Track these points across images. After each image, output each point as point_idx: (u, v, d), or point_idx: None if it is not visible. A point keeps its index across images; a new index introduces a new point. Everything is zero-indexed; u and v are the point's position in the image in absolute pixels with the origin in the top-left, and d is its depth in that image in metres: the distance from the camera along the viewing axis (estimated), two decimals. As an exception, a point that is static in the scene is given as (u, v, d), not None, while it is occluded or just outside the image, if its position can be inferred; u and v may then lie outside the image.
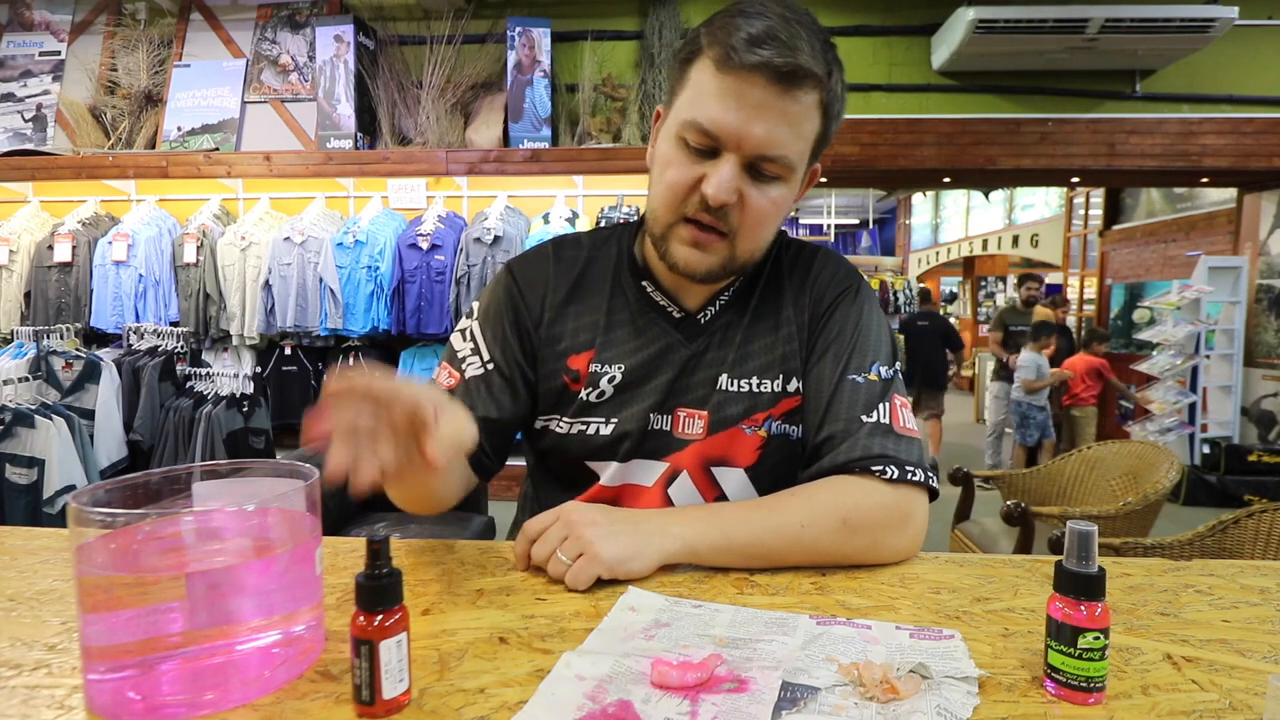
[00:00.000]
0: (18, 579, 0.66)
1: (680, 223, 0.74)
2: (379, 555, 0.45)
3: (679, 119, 0.72)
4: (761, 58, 0.66)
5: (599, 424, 0.81)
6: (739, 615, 0.58)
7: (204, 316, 3.88)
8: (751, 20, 0.67)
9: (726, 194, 0.70)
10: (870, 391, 0.76)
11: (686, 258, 0.75)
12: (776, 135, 0.69)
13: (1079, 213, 8.09)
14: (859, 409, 0.75)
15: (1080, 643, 0.45)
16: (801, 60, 0.66)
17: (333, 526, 2.72)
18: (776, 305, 0.83)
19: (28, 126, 4.38)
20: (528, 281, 0.85)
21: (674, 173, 0.72)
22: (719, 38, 0.68)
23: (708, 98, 0.69)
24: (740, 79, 0.67)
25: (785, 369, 0.81)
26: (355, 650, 0.44)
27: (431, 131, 4.09)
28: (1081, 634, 0.45)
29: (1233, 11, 3.61)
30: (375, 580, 0.44)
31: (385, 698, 0.44)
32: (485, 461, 0.81)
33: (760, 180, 0.72)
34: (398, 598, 0.45)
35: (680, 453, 0.80)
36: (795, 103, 0.68)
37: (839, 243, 15.22)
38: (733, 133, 0.68)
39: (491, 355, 0.82)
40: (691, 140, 0.71)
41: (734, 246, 0.74)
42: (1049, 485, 2.69)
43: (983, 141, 4.20)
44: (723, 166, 0.70)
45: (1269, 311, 5.00)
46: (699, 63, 0.71)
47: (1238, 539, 1.62)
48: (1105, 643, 0.46)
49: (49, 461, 2.68)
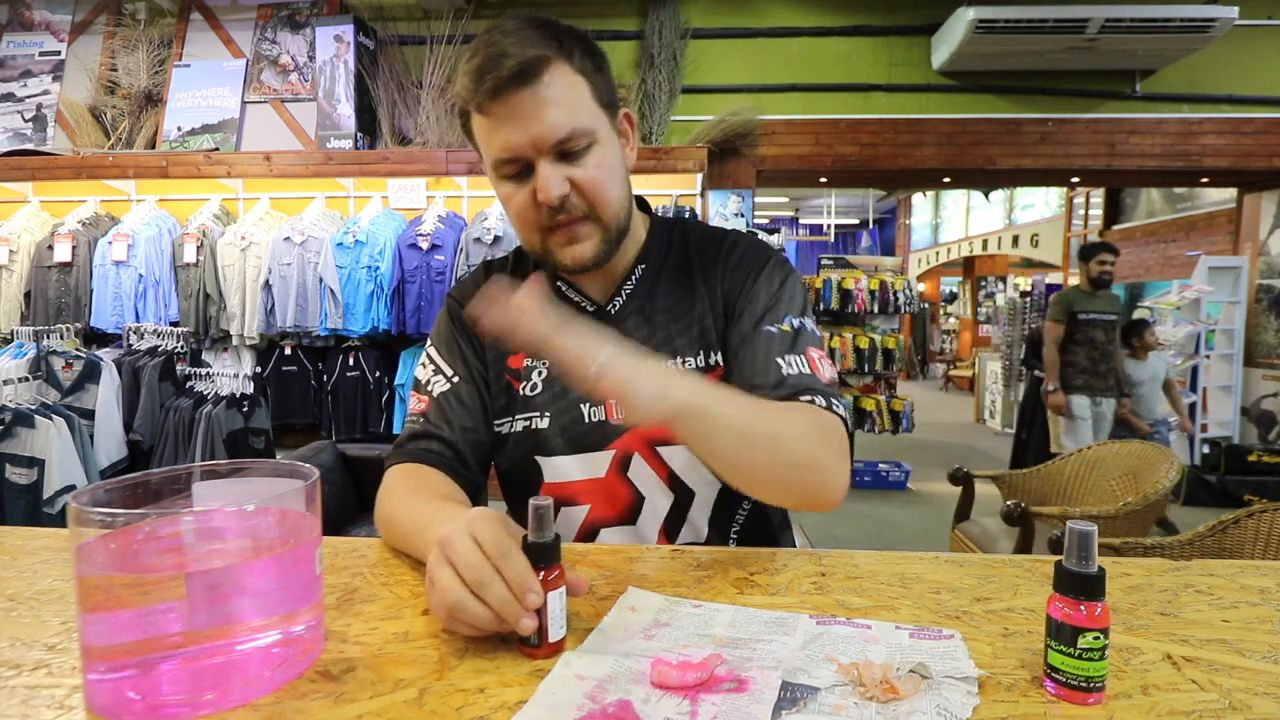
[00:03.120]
0: (18, 579, 0.66)
1: (546, 235, 0.80)
2: (543, 520, 0.52)
3: (490, 167, 0.79)
4: (499, 77, 0.72)
5: (536, 417, 0.85)
6: (739, 615, 0.58)
7: (204, 316, 3.88)
8: (476, 56, 0.74)
9: (557, 188, 0.75)
10: (784, 339, 0.80)
11: (572, 255, 0.80)
12: (553, 121, 0.74)
13: (1079, 213, 8.10)
14: (774, 353, 0.79)
15: (1080, 642, 0.46)
16: (517, 58, 0.72)
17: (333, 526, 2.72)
18: (689, 286, 0.88)
19: (28, 126, 4.38)
20: (465, 298, 0.91)
21: (515, 202, 0.79)
22: (465, 95, 0.76)
23: (491, 135, 0.76)
24: (497, 106, 0.74)
25: (704, 344, 0.85)
26: None
27: (431, 131, 4.09)
28: (1081, 634, 0.46)
29: (1233, 11, 3.61)
30: (542, 541, 0.52)
31: (550, 640, 0.52)
32: (470, 476, 0.84)
33: (576, 159, 0.77)
34: (558, 557, 0.53)
35: (624, 437, 0.83)
36: (546, 87, 0.74)
37: (839, 243, 15.22)
38: (524, 144, 0.75)
39: (454, 369, 0.87)
40: (508, 172, 0.78)
41: (599, 220, 0.80)
42: (1049, 485, 2.69)
43: (983, 141, 4.20)
44: (540, 172, 0.76)
45: (1269, 311, 5.00)
46: (472, 120, 0.78)
47: (1238, 539, 1.62)
48: (1105, 643, 0.46)
49: (49, 461, 2.68)
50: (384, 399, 3.98)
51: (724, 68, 4.22)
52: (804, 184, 5.35)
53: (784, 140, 4.23)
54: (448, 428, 0.83)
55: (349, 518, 2.85)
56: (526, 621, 0.50)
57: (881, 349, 4.91)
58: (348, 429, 3.95)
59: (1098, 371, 3.85)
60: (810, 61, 4.23)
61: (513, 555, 0.51)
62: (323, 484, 0.54)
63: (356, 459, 2.94)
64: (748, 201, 4.18)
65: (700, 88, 4.17)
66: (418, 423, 0.85)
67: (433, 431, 0.83)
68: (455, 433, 0.83)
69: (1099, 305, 3.87)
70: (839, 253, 13.24)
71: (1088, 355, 3.85)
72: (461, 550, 0.52)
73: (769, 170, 4.31)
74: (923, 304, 11.96)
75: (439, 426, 0.83)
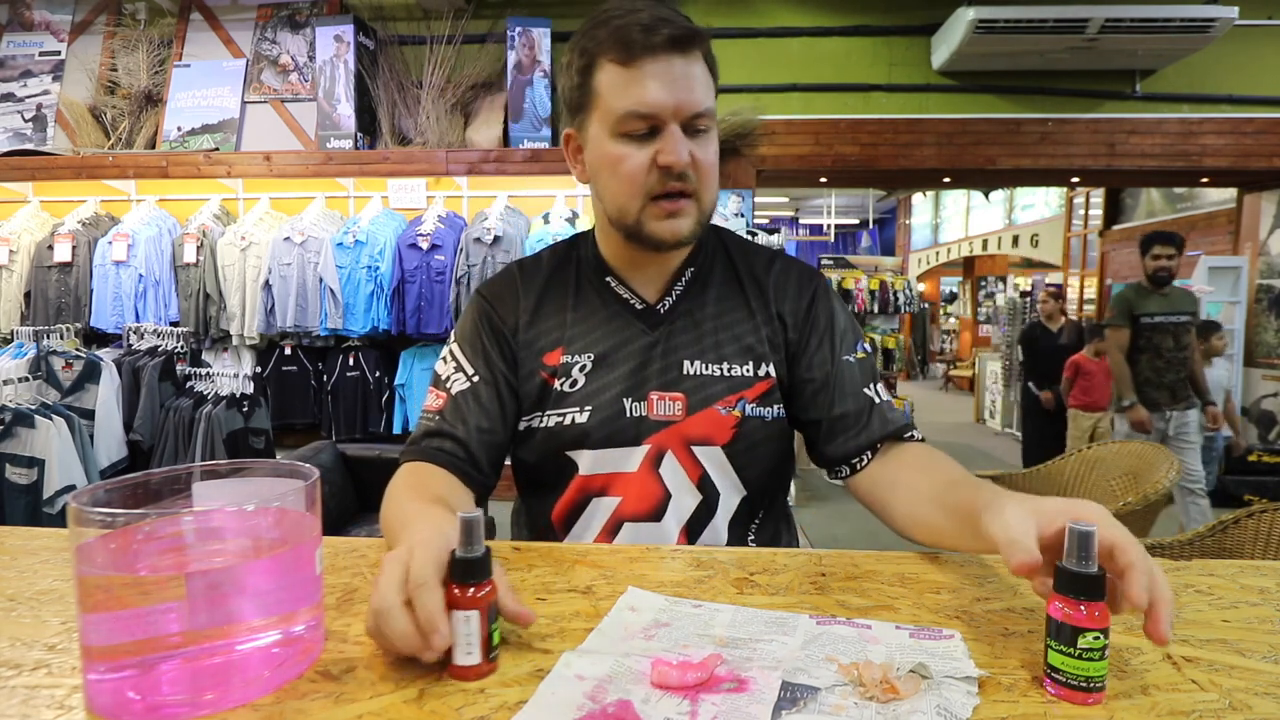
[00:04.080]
0: (18, 579, 0.66)
1: (649, 204, 0.80)
2: (472, 534, 0.50)
3: (613, 118, 0.78)
4: (663, 35, 0.75)
5: (574, 413, 0.85)
6: (739, 615, 0.58)
7: (204, 316, 3.89)
8: (630, 15, 0.76)
9: (684, 155, 0.77)
10: (864, 367, 0.88)
11: (670, 229, 0.80)
12: (699, 92, 0.77)
13: (1079, 213, 8.10)
14: (860, 383, 0.87)
15: (1080, 643, 0.45)
16: (682, 24, 0.76)
17: (333, 526, 2.72)
18: (739, 297, 0.90)
19: (28, 126, 4.38)
20: (498, 298, 0.90)
21: (629, 163, 0.78)
22: (612, 41, 0.77)
23: (632, 86, 0.76)
24: (652, 60, 0.75)
25: (756, 355, 0.87)
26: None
27: (431, 131, 4.09)
28: (1081, 634, 0.45)
29: (1233, 11, 3.61)
30: (470, 556, 0.49)
31: (459, 663, 0.49)
32: (479, 477, 0.84)
33: (699, 137, 0.79)
34: (488, 572, 0.50)
35: (661, 433, 0.84)
36: (696, 62, 0.78)
37: (839, 243, 15.22)
38: (668, 104, 0.76)
39: (475, 369, 0.86)
40: (633, 129, 0.77)
41: (700, 202, 0.81)
42: (1049, 485, 2.69)
43: (983, 141, 4.20)
44: (670, 136, 0.77)
45: (1269, 311, 5.00)
46: (601, 71, 0.78)
47: (1238, 539, 1.61)
48: (1105, 643, 0.46)
49: (49, 461, 2.68)
50: (384, 399, 3.98)
51: (724, 68, 4.17)
52: (804, 184, 5.36)
53: (784, 140, 4.23)
54: (462, 427, 0.83)
55: (349, 518, 2.85)
56: (428, 655, 0.48)
57: (882, 349, 4.92)
58: (348, 429, 3.95)
59: (1163, 383, 3.36)
60: (810, 61, 4.23)
61: (426, 589, 0.48)
62: (323, 484, 0.54)
63: (356, 459, 2.94)
64: (748, 201, 4.18)
65: (700, 88, 4.17)
66: (433, 420, 0.84)
67: (446, 430, 0.83)
68: (470, 432, 0.83)
69: (1164, 305, 3.33)
70: (839, 253, 13.25)
71: (1151, 365, 3.37)
72: (385, 575, 0.50)
73: (769, 170, 4.31)
74: (923, 304, 11.95)
75: (453, 425, 0.83)
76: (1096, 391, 4.31)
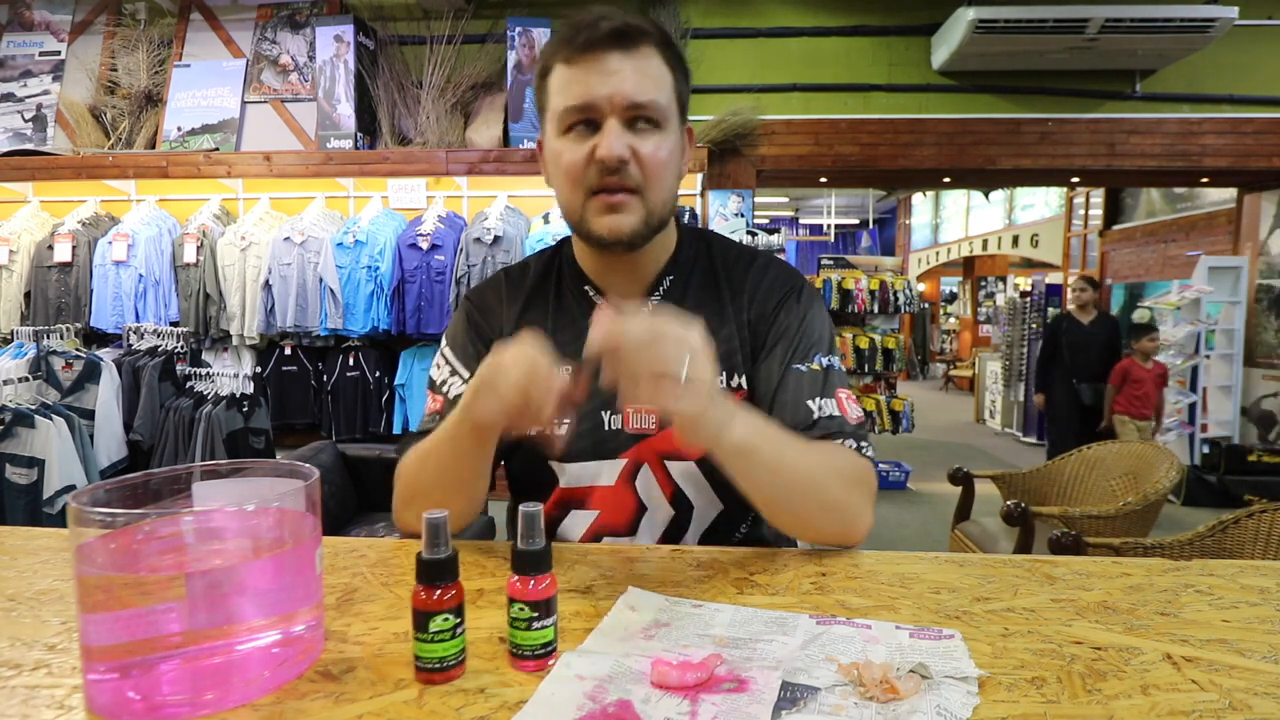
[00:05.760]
0: (18, 579, 0.66)
1: (589, 198, 0.79)
2: (534, 527, 0.52)
3: (555, 117, 0.78)
4: (602, 31, 0.75)
5: (553, 425, 0.84)
6: (739, 615, 0.58)
7: (204, 316, 3.88)
8: (582, 18, 0.77)
9: (619, 148, 0.75)
10: (814, 378, 0.82)
11: (609, 225, 0.79)
12: (638, 85, 0.76)
13: (1079, 213, 8.09)
14: (805, 395, 0.81)
15: (431, 626, 0.48)
16: (631, 20, 0.76)
17: (333, 526, 2.72)
18: (717, 305, 0.87)
19: (28, 126, 4.38)
20: (483, 304, 0.91)
21: (568, 156, 0.78)
22: (560, 43, 0.77)
23: (568, 85, 0.77)
24: (590, 56, 0.75)
25: (729, 365, 0.85)
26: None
27: (431, 131, 4.09)
28: (431, 618, 0.48)
29: (1233, 11, 3.60)
30: (532, 549, 0.52)
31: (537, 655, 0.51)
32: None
33: (643, 131, 0.77)
34: (549, 565, 0.52)
35: (636, 447, 0.84)
36: (641, 58, 0.76)
37: (839, 243, 15.22)
38: (602, 96, 0.75)
39: (469, 370, 0.86)
40: (572, 122, 0.77)
41: (645, 200, 0.79)
42: (1049, 485, 2.69)
43: (983, 141, 4.20)
44: (608, 128, 0.76)
45: (1269, 311, 5.00)
46: (553, 74, 0.79)
47: (1238, 539, 1.62)
48: (456, 622, 0.49)
49: (49, 461, 2.68)
50: (384, 399, 3.98)
51: (724, 68, 4.22)
52: (804, 184, 5.35)
53: (784, 140, 4.22)
54: None
55: (349, 518, 2.85)
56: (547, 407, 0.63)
57: (881, 349, 4.90)
58: (348, 429, 3.95)
59: None
60: (810, 61, 4.23)
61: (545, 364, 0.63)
62: (323, 484, 0.54)
63: (356, 459, 2.94)
64: (748, 201, 4.18)
65: (700, 87, 4.17)
66: (434, 422, 0.85)
67: None
68: None
69: None
70: (839, 253, 13.23)
71: None
72: (515, 349, 0.63)
73: (769, 170, 4.31)
74: (923, 304, 11.96)
75: None
76: (1146, 401, 4.28)
